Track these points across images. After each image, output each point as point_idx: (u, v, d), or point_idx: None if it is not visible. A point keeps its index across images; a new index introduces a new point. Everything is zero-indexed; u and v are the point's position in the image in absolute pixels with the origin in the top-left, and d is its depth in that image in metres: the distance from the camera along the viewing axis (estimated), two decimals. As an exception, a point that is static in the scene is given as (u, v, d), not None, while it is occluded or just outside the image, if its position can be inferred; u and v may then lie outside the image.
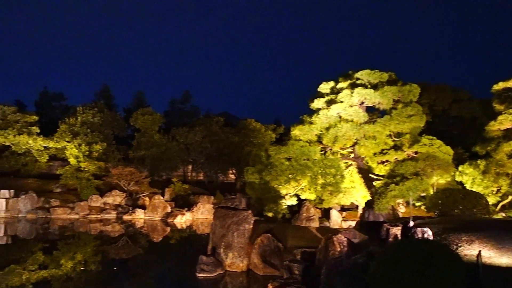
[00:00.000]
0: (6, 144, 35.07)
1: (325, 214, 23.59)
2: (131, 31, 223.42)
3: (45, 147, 36.23)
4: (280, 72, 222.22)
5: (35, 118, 38.16)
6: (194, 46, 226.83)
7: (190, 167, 46.49)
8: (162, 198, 32.92)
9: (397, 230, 10.56)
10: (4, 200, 30.31)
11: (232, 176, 45.59)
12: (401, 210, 20.34)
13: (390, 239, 10.57)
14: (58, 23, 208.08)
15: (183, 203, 34.66)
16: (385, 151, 18.63)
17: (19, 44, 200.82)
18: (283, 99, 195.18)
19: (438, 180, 17.36)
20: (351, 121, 17.36)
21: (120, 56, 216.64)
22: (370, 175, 18.85)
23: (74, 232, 25.63)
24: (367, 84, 17.97)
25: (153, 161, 39.94)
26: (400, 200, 18.30)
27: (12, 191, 31.08)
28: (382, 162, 19.28)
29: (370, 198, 17.61)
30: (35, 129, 36.48)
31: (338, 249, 10.71)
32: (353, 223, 20.28)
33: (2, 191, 30.63)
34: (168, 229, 27.51)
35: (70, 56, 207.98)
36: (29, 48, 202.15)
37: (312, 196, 18.13)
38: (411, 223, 10.48)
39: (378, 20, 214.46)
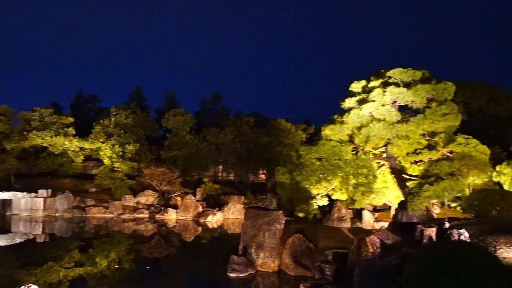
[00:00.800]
0: (44, 145, 36.14)
1: (357, 214, 23.35)
2: (162, 34, 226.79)
3: (80, 148, 37.15)
4: (311, 71, 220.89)
5: (71, 119, 39.09)
6: (224, 47, 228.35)
7: (220, 167, 46.76)
8: (193, 198, 33.24)
9: (431, 232, 10.35)
10: (42, 199, 31.28)
11: (263, 176, 45.58)
12: (436, 211, 19.92)
13: (424, 241, 10.37)
14: (92, 28, 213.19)
15: (214, 203, 34.91)
16: (418, 151, 18.26)
17: (55, 48, 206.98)
18: (313, 98, 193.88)
19: (475, 180, 16.88)
20: (383, 120, 17.09)
21: (152, 58, 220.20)
22: (403, 175, 18.52)
23: (108, 231, 26.19)
24: (399, 82, 17.65)
25: (185, 161, 40.37)
26: (434, 201, 17.91)
27: (49, 190, 32.06)
28: (416, 162, 18.90)
29: (403, 198, 17.33)
30: (71, 130, 37.34)
31: (371, 250, 10.56)
32: (385, 224, 20.00)
33: (40, 190, 31.62)
34: (200, 228, 27.77)
35: (104, 59, 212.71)
36: (65, 52, 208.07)
37: (344, 197, 17.94)
38: (447, 225, 10.24)
39: (410, 18, 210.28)
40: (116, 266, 16.42)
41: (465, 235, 9.34)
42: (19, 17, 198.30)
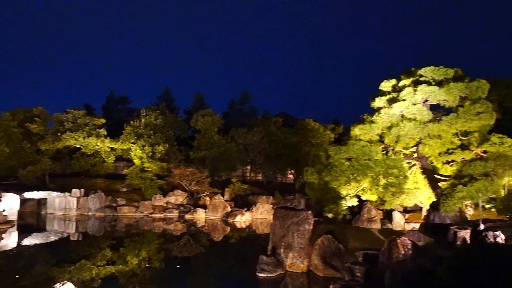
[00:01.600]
0: (77, 146, 37.08)
1: (387, 215, 22.98)
2: (191, 35, 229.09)
3: (111, 148, 37.92)
4: (339, 71, 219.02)
5: (103, 121, 39.97)
6: (252, 48, 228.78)
7: (249, 167, 46.88)
8: (222, 198, 33.45)
9: (465, 234, 10.11)
10: (75, 198, 32.07)
11: (291, 176, 45.46)
12: (469, 212, 19.43)
13: (458, 243, 10.14)
14: (122, 31, 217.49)
15: (242, 203, 35.04)
16: (451, 151, 17.84)
17: (87, 52, 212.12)
18: (341, 98, 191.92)
19: (510, 181, 16.37)
20: (415, 119, 16.76)
21: (180, 59, 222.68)
22: (435, 175, 18.11)
23: (139, 230, 26.61)
24: (431, 81, 17.28)
25: (213, 162, 40.64)
26: (468, 202, 17.48)
27: (82, 190, 32.85)
28: (448, 162, 18.47)
29: (435, 199, 16.96)
30: (103, 131, 38.16)
31: (402, 252, 10.38)
32: (417, 225, 19.63)
33: (74, 190, 32.43)
34: (228, 228, 27.91)
35: (134, 61, 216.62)
36: (96, 55, 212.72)
37: (374, 197, 17.69)
38: (481, 226, 9.97)
39: (440, 16, 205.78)
40: (147, 265, 16.66)
41: (501, 237, 9.07)
42: (53, 23, 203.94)
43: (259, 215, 32.35)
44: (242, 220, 30.55)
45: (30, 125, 38.70)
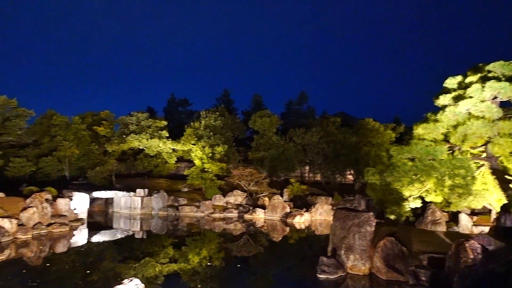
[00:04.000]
0: (141, 147, 38.51)
1: (453, 218, 22.07)
2: (248, 37, 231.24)
3: (173, 149, 39.03)
4: (399, 68, 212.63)
5: (164, 123, 41.20)
6: (309, 47, 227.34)
7: (307, 167, 46.66)
8: (281, 198, 33.47)
9: (542, 238, 9.48)
10: (139, 198, 33.32)
11: (350, 177, 44.76)
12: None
13: (533, 248, 9.53)
14: (183, 36, 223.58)
15: (301, 203, 34.89)
16: (524, 150, 16.79)
17: (150, 56, 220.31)
18: (402, 97, 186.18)
19: None
20: (483, 117, 15.93)
21: (238, 61, 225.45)
22: (506, 176, 17.12)
23: (200, 229, 27.18)
24: (500, 76, 16.35)
25: (272, 162, 40.81)
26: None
27: (146, 190, 34.06)
28: (521, 162, 17.40)
29: (506, 201, 16.05)
30: (165, 133, 39.26)
31: (471, 257, 9.92)
32: (486, 229, 18.74)
33: (138, 190, 33.69)
34: (287, 229, 27.89)
35: (194, 65, 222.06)
36: (158, 59, 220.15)
37: (439, 199, 17.01)
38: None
39: (505, 9, 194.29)
40: (208, 264, 17.00)
41: None
42: (118, 31, 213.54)
43: (318, 216, 32.06)
44: (301, 220, 30.43)
45: (97, 127, 40.69)
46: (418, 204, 17.25)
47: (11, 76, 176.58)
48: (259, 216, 32.14)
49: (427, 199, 17.54)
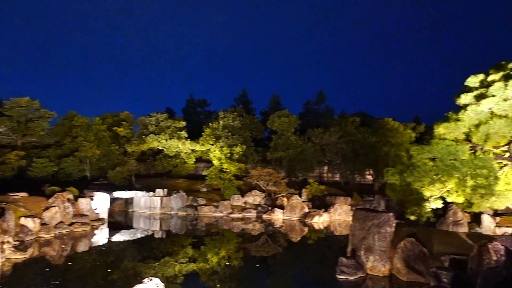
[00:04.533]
0: (160, 148, 38.81)
1: (475, 218, 21.74)
2: (266, 38, 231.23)
3: (192, 150, 39.22)
4: (419, 67, 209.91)
5: (183, 123, 41.41)
6: (327, 47, 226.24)
7: (326, 168, 46.43)
8: (299, 198, 33.36)
9: None
10: (159, 198, 33.60)
11: (369, 177, 44.38)
12: None
13: (559, 250, 9.30)
14: (200, 37, 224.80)
15: (320, 203, 34.74)
16: (548, 150, 16.42)
17: (168, 57, 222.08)
18: (422, 96, 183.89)
19: None
20: (506, 116, 15.62)
21: (256, 62, 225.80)
22: (530, 176, 16.77)
23: (218, 229, 27.27)
24: (524, 74, 16.02)
25: (290, 162, 40.74)
26: None
27: (165, 190, 34.32)
28: (545, 162, 17.01)
29: (530, 202, 15.71)
30: (183, 133, 39.42)
31: (494, 258, 9.74)
32: (509, 230, 18.45)
33: (157, 190, 33.97)
34: (306, 229, 27.79)
35: (212, 65, 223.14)
36: (176, 60, 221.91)
37: (460, 199, 16.74)
38: None
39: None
40: (227, 263, 17.04)
41: None
42: (135, 34, 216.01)
43: (337, 216, 31.87)
44: (320, 221, 30.29)
45: (117, 128, 41.15)
46: (439, 204, 17.01)
47: (33, 77, 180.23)
48: (278, 216, 32.09)
49: (449, 200, 17.29)
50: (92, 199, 26.92)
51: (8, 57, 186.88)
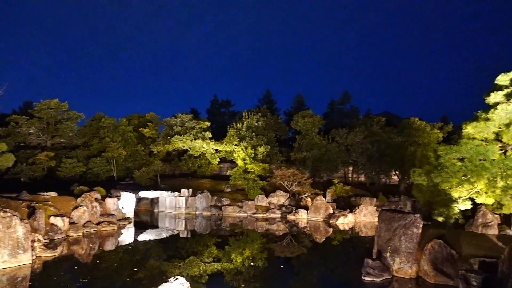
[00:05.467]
0: (185, 148, 39.19)
1: (505, 220, 21.20)
2: (290, 38, 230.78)
3: (216, 150, 39.48)
4: (446, 66, 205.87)
5: (208, 124, 41.71)
6: (351, 46, 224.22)
7: (350, 168, 46.05)
8: (324, 199, 33.15)
9: None
10: (184, 198, 33.91)
11: (395, 177, 43.80)
12: None
13: None
14: (224, 38, 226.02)
15: (345, 204, 34.48)
16: None
17: (193, 58, 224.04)
18: (450, 95, 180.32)
19: None
20: (538, 116, 15.18)
21: (280, 62, 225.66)
22: None
23: (242, 229, 27.31)
24: (556, 72, 15.54)
25: (314, 163, 40.58)
26: None
27: (190, 190, 34.63)
28: None
29: None
30: (208, 134, 39.74)
31: (526, 261, 9.45)
32: (541, 232, 17.85)
33: (183, 190, 34.30)
34: (331, 230, 27.59)
35: (236, 66, 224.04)
36: (201, 60, 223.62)
37: (490, 200, 16.33)
38: None
39: None
40: (251, 264, 17.05)
41: None
42: (160, 34, 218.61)
43: (362, 217, 31.55)
44: (344, 221, 30.04)
45: (143, 129, 41.79)
46: (467, 206, 16.63)
47: (62, 80, 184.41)
48: (302, 217, 31.97)
49: (478, 201, 16.88)
50: (119, 199, 27.33)
51: (39, 60, 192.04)
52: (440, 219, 16.73)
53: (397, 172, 41.71)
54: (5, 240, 14.25)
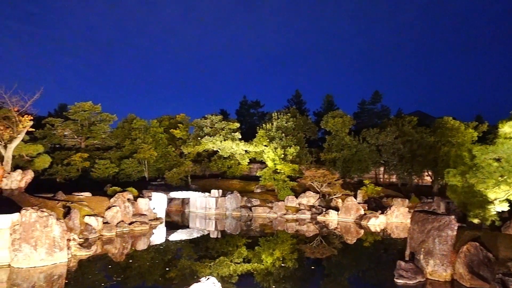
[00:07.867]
0: (215, 149, 39.48)
1: (545, 223, 20.39)
2: (319, 37, 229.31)
3: (246, 151, 39.58)
4: (480, 64, 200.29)
5: (237, 125, 41.88)
6: (382, 45, 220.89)
7: (382, 169, 45.36)
8: (354, 200, 32.75)
9: None
10: (214, 198, 34.14)
11: (428, 178, 42.92)
12: None
13: None
14: (254, 39, 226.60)
15: (376, 205, 33.96)
16: None
17: (222, 60, 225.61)
18: (485, 93, 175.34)
19: None
20: None
21: (310, 62, 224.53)
22: None
23: (272, 230, 27.25)
24: None
25: (344, 163, 40.16)
26: None
27: (220, 191, 34.83)
28: None
29: None
30: (237, 135, 39.80)
31: None
32: None
33: (213, 191, 34.55)
34: (362, 231, 27.23)
35: (265, 66, 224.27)
36: (230, 62, 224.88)
37: (529, 202, 15.81)
38: None
39: None
40: (282, 265, 17.01)
41: None
42: (190, 36, 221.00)
43: (394, 219, 31.01)
44: (376, 223, 29.61)
45: (174, 130, 42.32)
46: (505, 207, 16.12)
47: (95, 83, 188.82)
48: (332, 218, 31.69)
49: (516, 203, 16.37)
50: (150, 199, 27.75)
51: (73, 64, 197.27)
52: (476, 221, 16.30)
53: (430, 172, 40.88)
54: (42, 239, 14.70)
